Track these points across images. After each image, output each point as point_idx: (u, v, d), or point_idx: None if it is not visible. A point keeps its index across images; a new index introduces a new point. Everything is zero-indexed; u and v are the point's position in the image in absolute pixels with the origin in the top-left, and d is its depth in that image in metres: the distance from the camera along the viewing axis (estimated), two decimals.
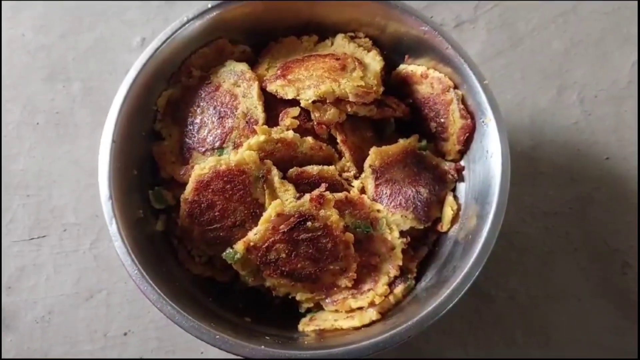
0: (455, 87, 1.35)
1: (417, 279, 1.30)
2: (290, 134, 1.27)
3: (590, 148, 1.65)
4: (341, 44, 1.42)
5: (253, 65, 1.40)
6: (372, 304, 1.22)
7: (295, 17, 1.41)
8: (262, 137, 1.24)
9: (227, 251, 1.21)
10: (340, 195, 1.26)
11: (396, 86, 1.43)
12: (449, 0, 1.76)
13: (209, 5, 1.32)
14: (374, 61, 1.38)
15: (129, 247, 1.18)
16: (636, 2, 1.77)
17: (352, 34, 1.43)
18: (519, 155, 1.62)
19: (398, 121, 1.42)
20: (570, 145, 1.65)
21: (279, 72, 1.35)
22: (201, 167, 1.24)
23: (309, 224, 1.20)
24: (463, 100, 1.33)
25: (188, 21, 1.32)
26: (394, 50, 1.43)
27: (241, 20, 1.38)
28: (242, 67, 1.35)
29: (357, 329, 1.20)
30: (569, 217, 1.60)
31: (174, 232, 1.32)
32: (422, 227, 1.31)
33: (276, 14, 1.40)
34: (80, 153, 1.65)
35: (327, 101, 1.27)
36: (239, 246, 1.20)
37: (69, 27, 1.75)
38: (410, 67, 1.41)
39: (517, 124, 1.67)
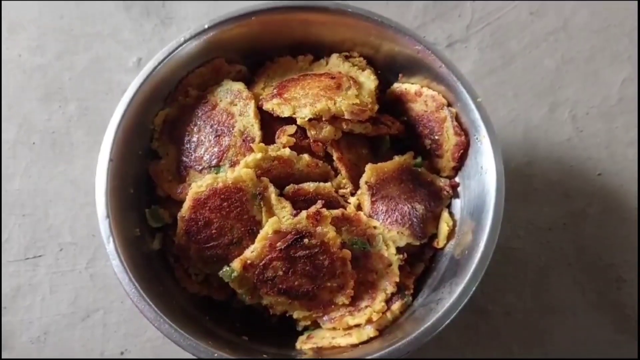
0: (449, 104, 1.35)
1: (414, 295, 1.29)
2: (286, 151, 1.26)
3: (583, 164, 1.66)
4: (336, 63, 1.42)
5: (249, 84, 1.40)
6: (369, 321, 1.21)
7: (290, 37, 1.41)
8: (258, 155, 1.24)
9: (224, 269, 1.20)
10: (336, 212, 1.26)
11: (391, 104, 1.43)
12: (442, 14, 1.78)
13: (206, 26, 1.32)
14: (369, 80, 1.38)
15: (126, 265, 1.17)
16: (624, 20, 1.79)
17: (347, 54, 1.43)
18: (513, 171, 1.63)
19: (393, 138, 1.42)
20: (563, 161, 1.66)
21: (275, 90, 1.35)
22: (198, 185, 1.23)
23: (306, 241, 1.19)
24: (457, 118, 1.33)
25: (185, 41, 1.32)
26: (388, 69, 1.44)
27: (237, 40, 1.38)
28: (239, 86, 1.35)
29: (354, 346, 1.19)
30: (563, 232, 1.60)
31: (171, 251, 1.31)
32: (418, 243, 1.30)
33: (272, 34, 1.40)
34: (77, 172, 1.64)
35: (323, 119, 1.27)
36: (236, 264, 1.19)
37: (65, 47, 1.75)
38: (405, 85, 1.41)
39: (510, 141, 1.67)
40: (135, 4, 1.80)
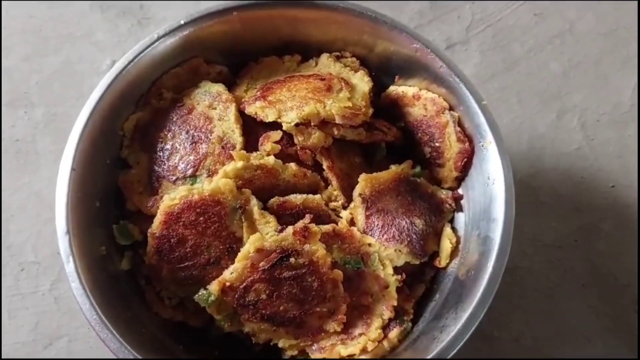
0: (451, 108, 1.31)
1: (414, 321, 1.24)
2: (271, 159, 1.22)
3: (594, 175, 1.62)
4: (326, 64, 1.38)
5: (230, 87, 1.36)
6: (364, 351, 1.16)
7: (276, 35, 1.37)
8: (239, 164, 1.20)
9: (200, 292, 1.15)
10: (327, 227, 1.21)
11: (386, 109, 1.39)
12: (440, 15, 1.76)
13: (182, 22, 1.28)
14: (362, 82, 1.34)
15: (87, 288, 1.11)
16: (633, 22, 1.77)
17: (338, 54, 1.40)
18: (519, 183, 1.54)
19: (389, 146, 1.38)
20: (572, 172, 1.62)
21: (258, 93, 1.30)
22: (171, 198, 1.18)
23: (292, 260, 1.15)
24: (459, 123, 1.29)
25: (159, 38, 1.27)
26: (383, 71, 1.40)
27: (218, 38, 1.34)
28: (218, 87, 1.31)
29: None
30: (575, 250, 1.55)
31: (141, 271, 1.26)
32: (418, 262, 1.26)
33: (256, 32, 1.36)
34: (42, 184, 1.57)
35: (312, 124, 1.23)
36: (214, 287, 1.14)
37: (33, 49, 1.70)
38: (401, 88, 1.37)
39: (515, 151, 1.63)
40: (111, 4, 1.75)
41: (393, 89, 1.39)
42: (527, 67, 1.72)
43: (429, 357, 1.07)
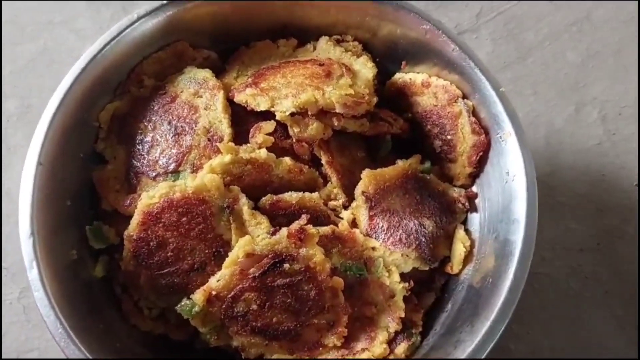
0: (464, 96, 1.26)
1: (423, 335, 1.20)
2: (262, 153, 1.18)
3: (616, 173, 1.56)
4: (325, 49, 1.33)
5: (219, 73, 1.31)
6: None
7: (270, 18, 1.32)
8: (227, 158, 1.15)
9: (183, 302, 1.11)
10: (326, 229, 1.17)
11: (392, 99, 1.35)
12: (448, 1, 1.70)
13: (165, 1, 1.22)
14: (365, 68, 1.29)
15: (52, 298, 1.04)
16: None
17: (339, 37, 1.35)
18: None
19: (395, 139, 1.34)
20: (593, 170, 1.56)
21: (249, 80, 1.26)
22: (150, 196, 1.14)
23: (286, 266, 1.10)
24: (474, 112, 1.24)
25: (139, 19, 1.21)
26: (388, 57, 1.35)
27: (205, 20, 1.29)
28: (205, 73, 1.26)
29: None
30: (597, 254, 1.50)
31: (117, 279, 1.21)
32: (427, 268, 1.23)
33: (248, 14, 1.31)
34: (13, 182, 1.52)
35: (309, 113, 1.18)
36: (198, 296, 1.10)
37: (7, 36, 1.65)
38: (409, 75, 1.33)
39: (530, 147, 1.53)
40: None
41: (399, 76, 1.35)
42: (542, 57, 1.68)
43: None
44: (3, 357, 1.39)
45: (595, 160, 1.58)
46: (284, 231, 1.12)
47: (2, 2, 1.67)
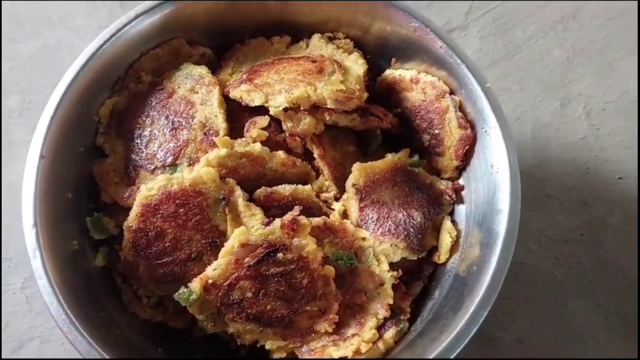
0: (452, 92, 1.27)
1: (411, 321, 1.22)
2: (257, 147, 1.18)
3: (600, 166, 1.58)
4: (318, 46, 1.34)
5: (215, 70, 1.32)
6: (357, 353, 1.14)
7: (264, 15, 1.33)
8: (223, 151, 1.16)
9: (181, 291, 1.12)
10: (317, 220, 1.19)
11: (382, 95, 1.36)
12: (437, 1, 1.72)
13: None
14: (356, 64, 1.31)
15: (56, 286, 1.06)
16: None
17: (331, 35, 1.36)
18: (522, 175, 1.50)
19: (385, 134, 1.35)
20: (578, 163, 1.58)
21: (244, 76, 1.27)
22: (148, 188, 1.15)
23: (280, 255, 1.12)
24: (461, 108, 1.25)
25: (137, 17, 1.22)
26: (379, 54, 1.36)
27: (201, 18, 1.30)
28: (201, 70, 1.27)
29: None
30: (581, 244, 1.51)
31: (117, 268, 1.22)
32: (415, 257, 1.23)
33: (242, 12, 1.32)
34: (15, 176, 1.51)
35: (302, 108, 1.20)
36: (195, 284, 1.11)
37: (8, 34, 1.65)
38: (398, 72, 1.34)
39: (518, 141, 1.59)
40: None
41: (389, 72, 1.35)
42: (529, 54, 1.69)
43: (427, 359, 1.04)
44: (5, 345, 1.39)
45: (581, 153, 1.59)
46: (277, 222, 1.13)
47: (2, 1, 1.67)
